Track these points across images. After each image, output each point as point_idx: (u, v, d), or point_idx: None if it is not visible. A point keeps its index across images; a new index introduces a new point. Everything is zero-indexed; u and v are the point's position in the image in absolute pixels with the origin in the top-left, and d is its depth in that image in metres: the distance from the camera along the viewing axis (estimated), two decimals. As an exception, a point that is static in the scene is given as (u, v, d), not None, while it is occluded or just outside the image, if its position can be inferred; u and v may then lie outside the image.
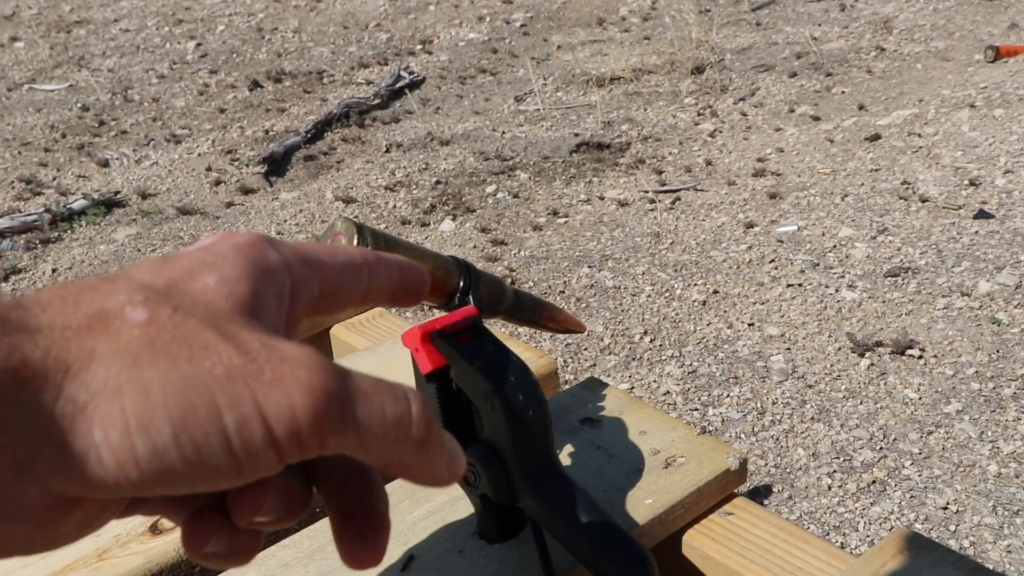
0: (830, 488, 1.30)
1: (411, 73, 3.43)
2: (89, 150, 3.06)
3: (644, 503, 0.78)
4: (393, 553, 0.72)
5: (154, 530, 0.81)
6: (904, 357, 1.58)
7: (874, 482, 1.30)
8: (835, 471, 1.33)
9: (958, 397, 1.47)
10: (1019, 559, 1.17)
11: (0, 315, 0.29)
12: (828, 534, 1.21)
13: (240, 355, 0.31)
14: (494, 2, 4.32)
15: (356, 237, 0.68)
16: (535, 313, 0.86)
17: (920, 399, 1.47)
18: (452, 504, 0.78)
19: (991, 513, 1.24)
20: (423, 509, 0.78)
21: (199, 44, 4.13)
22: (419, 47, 3.79)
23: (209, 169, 2.80)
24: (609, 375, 1.61)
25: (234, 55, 3.97)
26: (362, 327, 1.20)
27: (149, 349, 0.31)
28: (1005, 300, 1.69)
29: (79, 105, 3.50)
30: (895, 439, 1.39)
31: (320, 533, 0.77)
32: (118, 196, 2.65)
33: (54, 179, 2.84)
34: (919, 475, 1.31)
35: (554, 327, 0.89)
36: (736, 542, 0.79)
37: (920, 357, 1.57)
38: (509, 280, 1.95)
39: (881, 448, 1.37)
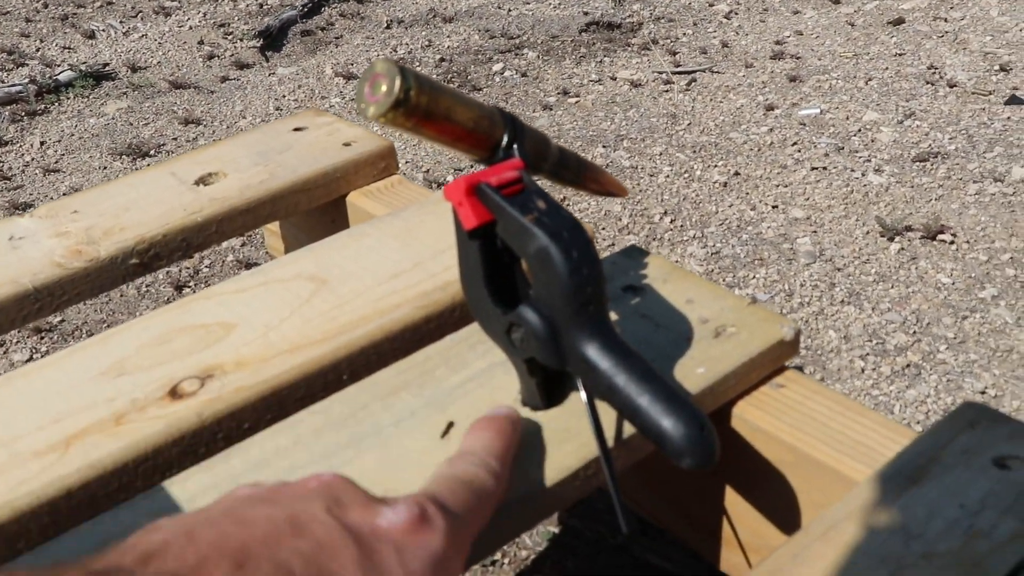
0: (863, 371, 1.26)
1: (411, -53, 3.29)
2: (73, 21, 2.93)
3: (695, 372, 0.73)
4: (432, 420, 0.68)
5: (174, 394, 0.76)
6: (935, 242, 1.53)
7: (908, 365, 1.26)
8: (868, 354, 1.29)
9: (993, 283, 1.42)
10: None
11: None
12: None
13: None
14: None
15: (398, 79, 0.61)
16: (579, 173, 0.80)
17: (953, 284, 1.43)
18: (490, 370, 0.73)
19: (1030, 398, 1.21)
20: (460, 375, 0.73)
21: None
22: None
23: (201, 43, 2.69)
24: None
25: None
26: (380, 194, 1.13)
27: None
28: (1039, 185, 1.64)
29: (63, -25, 3.36)
30: (929, 323, 1.35)
31: (352, 399, 0.71)
32: (107, 69, 2.54)
33: (38, 50, 2.72)
34: (955, 359, 1.27)
35: (596, 188, 0.82)
36: (789, 415, 0.74)
37: (952, 242, 1.53)
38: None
39: (915, 332, 1.33)
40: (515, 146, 0.68)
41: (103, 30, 2.84)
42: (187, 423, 0.72)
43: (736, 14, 2.62)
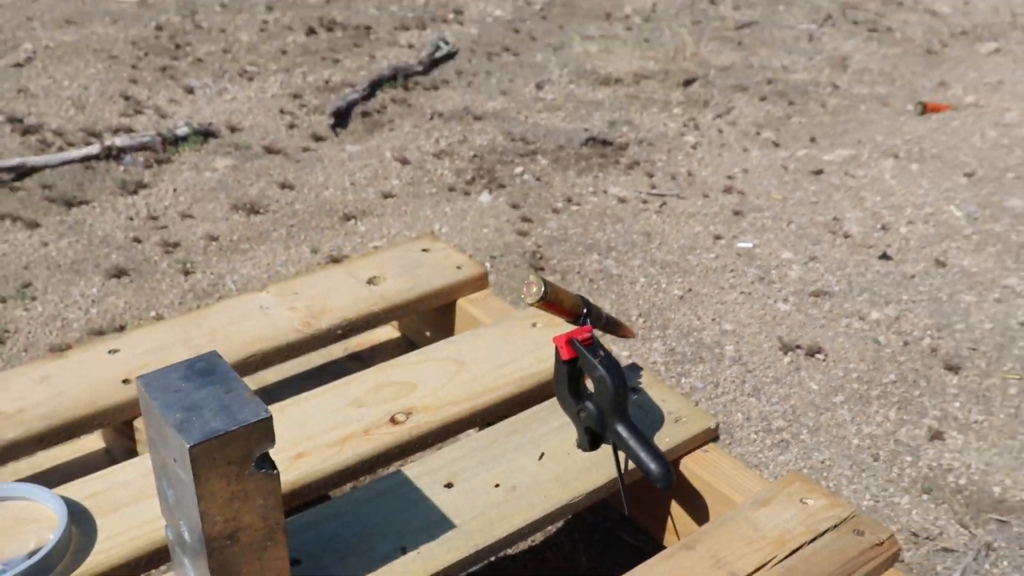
0: (755, 441, 2.01)
1: (447, 43, 4.00)
2: (171, 73, 3.58)
3: (664, 440, 1.48)
4: (533, 451, 1.41)
5: (393, 421, 1.48)
6: (813, 358, 2.28)
7: (782, 440, 2.02)
8: (759, 431, 2.04)
9: (842, 392, 2.18)
10: (861, 495, 1.90)
11: None
12: (753, 469, 1.93)
13: None
14: (513, -27, 4.86)
15: (543, 287, 1.36)
16: (614, 329, 1.56)
17: (819, 390, 2.18)
18: (562, 428, 1.47)
19: (848, 468, 1.97)
20: (547, 428, 1.47)
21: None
22: (451, 15, 4.35)
23: (282, 111, 3.36)
24: (613, 343, 2.28)
25: (283, -9, 4.47)
26: (477, 302, 1.86)
27: None
28: (886, 327, 2.41)
29: (153, 24, 4.01)
30: (799, 414, 2.10)
31: (486, 435, 1.44)
32: (211, 126, 3.20)
33: (148, 98, 3.37)
34: (811, 439, 2.03)
35: (621, 334, 1.59)
36: (709, 468, 1.50)
37: (824, 360, 2.28)
38: (538, 256, 2.61)
39: (789, 420, 2.08)
40: (588, 318, 1.43)
41: (200, 87, 3.49)
42: (402, 439, 1.44)
43: (700, 145, 3.33)
